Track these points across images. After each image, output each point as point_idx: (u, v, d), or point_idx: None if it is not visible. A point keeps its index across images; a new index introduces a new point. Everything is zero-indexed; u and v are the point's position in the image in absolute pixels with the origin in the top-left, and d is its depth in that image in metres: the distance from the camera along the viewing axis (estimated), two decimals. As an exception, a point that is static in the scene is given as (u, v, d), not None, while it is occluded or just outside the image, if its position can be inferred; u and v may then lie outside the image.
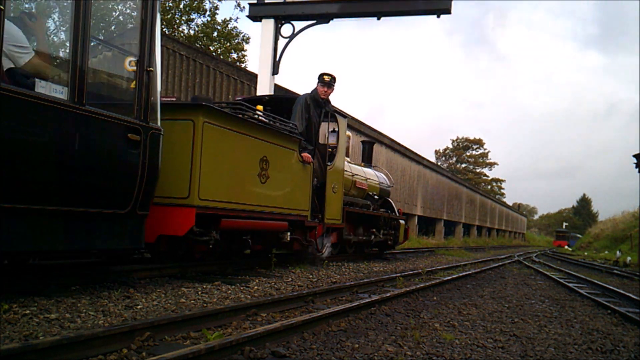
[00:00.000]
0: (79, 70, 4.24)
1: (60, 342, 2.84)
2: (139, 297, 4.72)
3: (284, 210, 7.57)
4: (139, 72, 4.86)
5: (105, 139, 4.56)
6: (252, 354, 3.29)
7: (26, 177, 3.93)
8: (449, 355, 3.73)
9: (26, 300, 4.10)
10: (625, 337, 4.93)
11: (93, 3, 4.35)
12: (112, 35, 4.91)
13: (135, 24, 4.98)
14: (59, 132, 4.15)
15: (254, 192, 6.85)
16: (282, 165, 7.44)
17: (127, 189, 4.75)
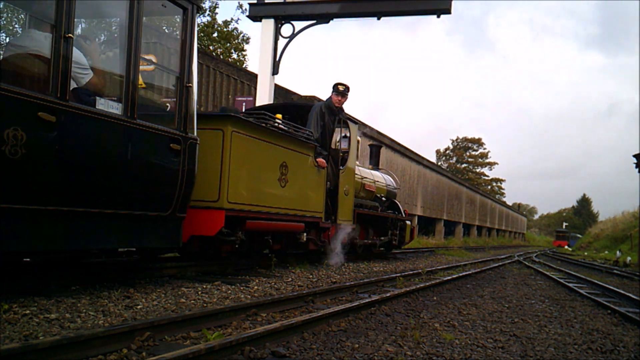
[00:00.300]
0: (131, 88, 4.73)
1: (60, 342, 2.84)
2: (139, 297, 4.72)
3: (301, 212, 8.05)
4: (180, 87, 5.35)
5: (152, 149, 5.05)
6: (252, 354, 3.28)
7: (93, 185, 4.47)
8: (449, 355, 3.73)
9: (26, 300, 4.10)
10: (625, 337, 4.93)
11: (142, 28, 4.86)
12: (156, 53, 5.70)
13: (176, 45, 5.50)
14: (115, 143, 4.64)
15: (275, 195, 7.34)
16: (299, 169, 7.94)
17: (169, 194, 5.23)
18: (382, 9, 11.57)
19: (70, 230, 4.35)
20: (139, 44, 4.83)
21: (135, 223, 4.98)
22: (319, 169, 8.50)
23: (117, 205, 4.72)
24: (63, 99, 4.08)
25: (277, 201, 7.38)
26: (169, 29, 5.89)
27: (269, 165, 7.21)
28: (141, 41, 4.86)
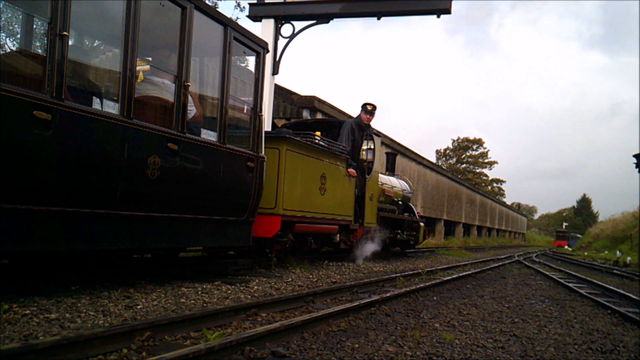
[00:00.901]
0: (223, 120, 6.04)
1: (60, 342, 2.84)
2: (139, 297, 4.72)
3: (335, 216, 9.36)
4: (253, 115, 6.69)
5: (236, 167, 6.30)
6: (252, 354, 3.29)
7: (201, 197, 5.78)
8: (449, 355, 3.73)
9: (26, 300, 4.10)
10: (625, 337, 4.93)
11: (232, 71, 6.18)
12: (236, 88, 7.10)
13: (251, 82, 6.88)
14: (214, 164, 5.89)
15: (316, 202, 8.63)
16: (334, 179, 9.24)
17: (245, 203, 6.49)
18: (382, 9, 11.55)
19: (180, 232, 5.55)
20: (229, 83, 6.17)
21: (221, 226, 6.21)
22: (350, 178, 9.83)
23: (211, 212, 5.97)
24: (182, 132, 5.35)
25: (318, 207, 8.69)
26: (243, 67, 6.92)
27: (312, 177, 8.53)
28: (231, 81, 6.19)
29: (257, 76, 6.80)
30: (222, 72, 6.07)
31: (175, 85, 5.36)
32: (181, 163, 5.37)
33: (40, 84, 4.03)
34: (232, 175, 6.21)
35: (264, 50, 6.83)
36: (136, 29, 4.81)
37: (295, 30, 12.03)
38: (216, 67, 6.17)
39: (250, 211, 6.58)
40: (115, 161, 4.64)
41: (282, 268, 8.03)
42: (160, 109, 5.40)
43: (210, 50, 6.36)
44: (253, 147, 6.58)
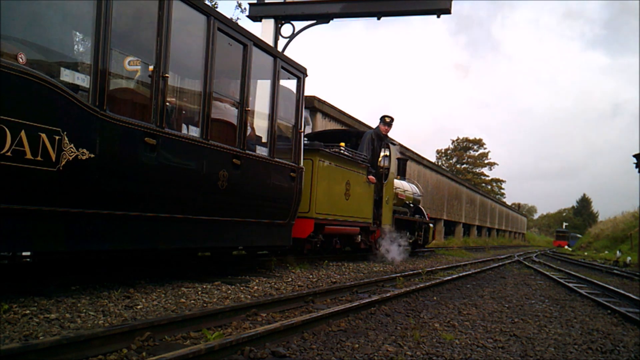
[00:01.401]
0: (273, 137, 7.08)
1: (60, 342, 2.84)
2: (139, 297, 4.72)
3: (357, 219, 10.33)
4: (295, 132, 7.73)
5: (282, 177, 7.32)
6: (252, 354, 3.29)
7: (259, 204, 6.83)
8: (449, 355, 3.73)
9: (26, 300, 4.10)
10: (625, 337, 4.93)
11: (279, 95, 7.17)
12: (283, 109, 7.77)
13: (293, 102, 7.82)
14: (265, 175, 6.94)
15: (342, 206, 9.65)
16: (357, 185, 10.24)
17: (287, 208, 7.47)
18: (382, 9, 11.56)
19: (240, 233, 6.63)
20: (278, 105, 7.15)
21: (269, 228, 7.21)
22: (370, 184, 10.81)
23: (263, 216, 6.99)
24: (243, 149, 6.37)
25: (343, 211, 9.71)
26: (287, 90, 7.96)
27: (339, 183, 9.57)
28: (279, 103, 7.19)
29: (298, 97, 7.87)
30: (271, 96, 7.13)
31: (237, 109, 6.44)
32: (242, 176, 6.39)
33: (148, 115, 5.01)
34: (279, 185, 7.26)
35: (303, 75, 7.91)
36: (213, 66, 5.81)
37: (295, 30, 12.04)
38: (267, 91, 7.16)
39: (291, 215, 7.63)
40: (197, 175, 5.67)
41: (282, 268, 8.03)
42: (226, 130, 6.32)
43: (262, 77, 7.30)
44: (294, 159, 7.66)
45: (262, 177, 6.88)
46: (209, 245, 6.48)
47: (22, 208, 3.89)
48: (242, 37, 6.36)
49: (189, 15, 5.59)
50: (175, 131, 5.41)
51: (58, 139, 4.05)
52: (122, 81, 5.30)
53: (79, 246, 4.49)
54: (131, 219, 4.87)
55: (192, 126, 5.83)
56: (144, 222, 5.04)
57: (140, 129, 4.84)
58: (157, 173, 5.09)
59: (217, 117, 6.16)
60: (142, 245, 5.17)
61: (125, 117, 4.70)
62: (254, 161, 6.65)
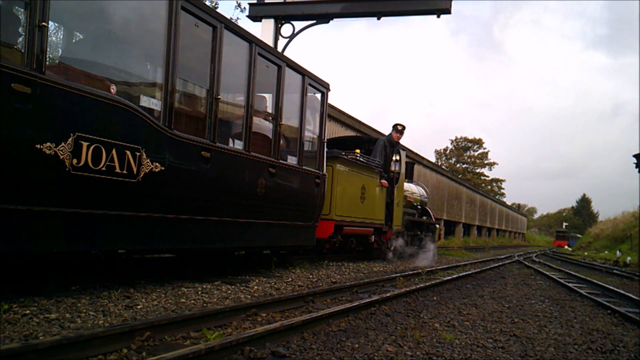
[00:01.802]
0: (301, 147, 7.88)
1: (60, 342, 2.84)
2: (139, 297, 4.72)
3: (371, 220, 11.08)
4: (319, 142, 8.54)
5: (309, 183, 8.08)
6: (252, 354, 3.29)
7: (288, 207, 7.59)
8: (449, 355, 3.73)
9: (26, 300, 4.09)
10: (625, 337, 4.93)
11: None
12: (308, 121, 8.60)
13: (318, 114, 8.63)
14: (295, 182, 7.72)
15: (358, 209, 10.37)
16: (371, 189, 10.99)
17: (312, 211, 8.23)
18: (382, 9, 11.56)
19: (274, 234, 7.34)
20: (305, 118, 7.99)
21: (297, 230, 7.96)
22: (382, 187, 11.55)
23: (292, 219, 7.77)
24: (277, 159, 7.18)
25: (359, 213, 10.43)
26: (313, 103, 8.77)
27: (356, 188, 10.29)
28: (306, 116, 8.03)
29: (322, 110, 8.69)
30: (300, 110, 7.98)
31: (272, 124, 7.23)
32: (276, 182, 7.13)
33: (203, 131, 5.83)
34: (306, 190, 8.04)
35: (326, 90, 8.74)
36: (254, 86, 6.69)
37: (295, 30, 12.03)
38: (296, 105, 7.96)
39: (315, 217, 8.43)
40: (241, 183, 6.45)
41: (282, 268, 8.03)
42: (263, 142, 7.04)
43: (292, 92, 7.97)
44: (319, 166, 8.42)
45: (292, 183, 7.69)
46: (246, 245, 7.24)
47: (119, 214, 4.76)
48: (277, 59, 7.31)
49: (236, 43, 6.43)
50: (224, 145, 6.18)
51: (138, 155, 4.85)
52: (184, 103, 6.02)
53: (151, 245, 5.33)
54: (189, 222, 5.64)
55: (236, 140, 6.61)
56: (198, 225, 5.81)
57: (198, 144, 5.65)
58: (210, 182, 5.89)
59: (256, 130, 6.86)
60: (196, 245, 5.94)
61: (187, 134, 5.50)
62: (285, 169, 7.43)
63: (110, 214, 4.65)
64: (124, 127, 4.68)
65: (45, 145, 4.02)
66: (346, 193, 9.86)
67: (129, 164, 4.74)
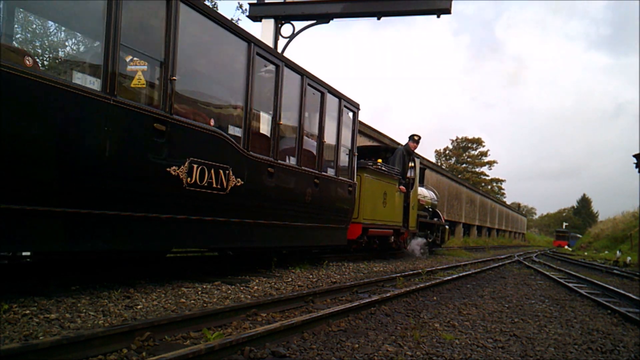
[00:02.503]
0: (338, 160, 9.39)
1: (60, 342, 2.84)
2: (139, 297, 4.72)
3: (391, 223, 12.49)
4: (351, 155, 9.97)
5: (343, 191, 9.52)
6: (252, 354, 3.28)
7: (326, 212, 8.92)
8: (449, 355, 3.73)
9: (26, 300, 4.09)
10: (625, 337, 4.93)
11: None
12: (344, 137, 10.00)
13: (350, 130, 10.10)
14: (333, 191, 9.13)
15: (381, 213, 11.74)
16: (391, 194, 12.35)
17: (346, 215, 9.69)
18: (382, 9, 11.56)
19: (315, 235, 8.74)
20: (341, 136, 9.56)
21: (333, 231, 9.35)
22: (401, 193, 12.95)
23: (329, 222, 9.13)
24: (320, 171, 8.63)
25: (382, 216, 11.79)
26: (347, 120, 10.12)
27: (379, 194, 11.64)
28: (342, 134, 9.57)
29: (353, 127, 10.22)
30: (337, 128, 9.48)
31: (316, 142, 8.72)
32: (319, 191, 8.52)
33: (268, 151, 7.16)
34: (341, 197, 9.45)
35: (357, 109, 10.27)
36: (304, 112, 8.14)
37: (295, 30, 12.03)
38: (334, 124, 9.38)
39: (348, 221, 9.86)
40: (294, 193, 7.89)
41: (282, 268, 8.03)
42: (309, 158, 8.47)
43: (331, 114, 9.33)
44: (351, 176, 9.92)
45: (331, 192, 9.07)
46: (295, 245, 8.61)
47: (213, 219, 6.10)
48: (321, 87, 8.73)
49: (292, 77, 7.86)
50: (283, 162, 7.53)
51: (227, 172, 6.19)
52: (256, 129, 7.16)
53: (231, 244, 6.91)
54: (256, 226, 6.98)
55: (291, 157, 7.94)
56: (263, 228, 7.19)
57: (265, 162, 7.01)
58: (273, 192, 7.23)
59: (305, 147, 8.24)
60: (259, 244, 7.30)
61: (259, 154, 6.85)
62: (326, 180, 8.85)
63: (205, 219, 5.98)
64: (219, 151, 6.05)
65: (172, 168, 5.32)
66: (371, 199, 11.18)
67: (221, 180, 6.10)
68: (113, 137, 4.58)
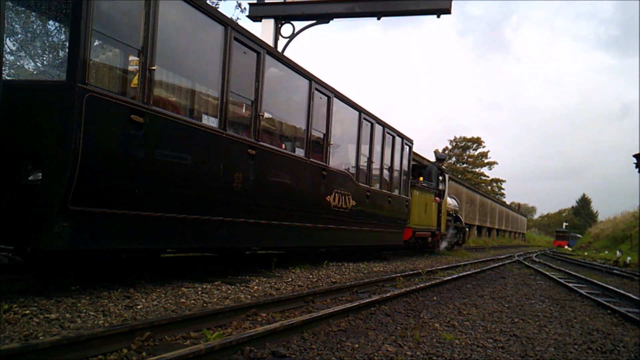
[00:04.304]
0: (400, 184, 13.15)
1: (60, 342, 2.84)
2: (139, 297, 4.72)
3: (430, 226, 16.04)
4: (407, 179, 13.47)
5: (402, 204, 13.06)
6: (252, 354, 3.28)
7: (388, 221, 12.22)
8: (449, 355, 3.73)
9: (26, 300, 4.09)
10: (625, 337, 4.92)
11: None
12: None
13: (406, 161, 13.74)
14: (397, 204, 12.68)
15: (422, 219, 15.27)
16: (429, 205, 15.92)
17: (403, 222, 13.23)
18: (382, 9, 11.56)
19: (379, 236, 11.63)
20: (403, 164, 13.13)
21: (394, 234, 12.57)
22: (436, 202, 16.47)
23: (391, 227, 12.31)
24: (391, 192, 12.38)
25: (424, 222, 15.40)
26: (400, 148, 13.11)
27: (422, 205, 15.16)
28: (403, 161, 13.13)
29: (409, 158, 13.76)
30: (400, 159, 12.97)
31: (388, 171, 12.18)
32: (390, 206, 12.08)
33: (365, 179, 10.56)
34: (401, 210, 13.05)
35: (412, 144, 13.98)
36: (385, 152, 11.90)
37: (295, 30, 12.03)
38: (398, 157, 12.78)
39: (404, 226, 13.34)
40: (379, 207, 11.33)
41: (282, 268, 8.03)
42: (386, 182, 12.08)
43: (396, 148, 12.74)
44: (406, 193, 13.51)
45: (396, 206, 12.60)
46: (375, 244, 11.93)
47: (337, 227, 9.43)
48: (393, 132, 12.32)
49: (384, 133, 11.54)
50: (374, 187, 11.18)
51: (349, 197, 9.60)
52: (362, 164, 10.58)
53: (342, 244, 10.28)
54: (362, 231, 10.63)
55: (377, 183, 11.49)
56: (365, 233, 10.81)
57: (366, 188, 10.61)
58: (369, 209, 10.81)
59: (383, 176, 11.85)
60: (363, 243, 11.13)
61: (363, 183, 10.48)
62: (394, 198, 12.48)
63: (341, 227, 9.59)
64: (347, 183, 9.63)
65: (329, 198, 8.86)
66: (417, 209, 14.66)
67: (347, 202, 9.57)
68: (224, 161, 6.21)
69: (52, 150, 4.19)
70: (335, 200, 8.95)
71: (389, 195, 11.88)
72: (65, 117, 4.19)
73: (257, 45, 6.72)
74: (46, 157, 4.19)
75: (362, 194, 10.15)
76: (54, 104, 4.24)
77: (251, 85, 6.68)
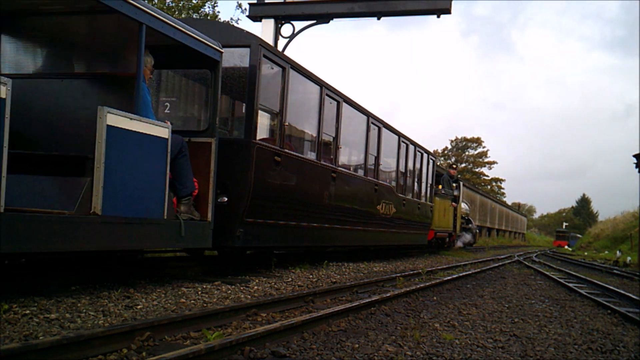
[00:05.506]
0: (427, 192, 15.94)
1: (60, 342, 2.84)
2: (139, 297, 4.72)
3: (447, 228, 18.46)
4: (431, 188, 16.34)
5: (426, 210, 15.66)
6: (252, 354, 3.28)
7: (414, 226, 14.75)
8: (449, 355, 3.73)
9: (26, 300, 4.09)
10: (625, 337, 4.93)
11: None
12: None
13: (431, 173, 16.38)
14: (423, 210, 15.34)
15: (442, 221, 17.61)
16: (447, 209, 18.31)
17: (427, 225, 15.87)
18: (382, 9, 11.57)
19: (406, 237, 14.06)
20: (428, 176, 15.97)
21: (420, 235, 15.30)
22: (452, 207, 18.98)
23: (416, 229, 14.80)
24: (419, 199, 15.13)
25: (443, 224, 17.68)
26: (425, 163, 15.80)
27: (441, 209, 17.47)
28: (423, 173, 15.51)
29: (432, 171, 16.13)
30: (426, 172, 15.40)
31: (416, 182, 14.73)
32: (419, 211, 14.65)
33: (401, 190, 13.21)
34: (426, 214, 15.41)
35: (435, 158, 16.33)
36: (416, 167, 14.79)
37: (295, 30, 12.04)
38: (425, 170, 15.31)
39: (428, 228, 15.71)
40: (411, 213, 13.97)
41: (282, 268, 8.03)
42: (417, 192, 14.66)
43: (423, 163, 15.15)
44: (430, 200, 15.92)
45: (423, 211, 14.93)
46: (406, 243, 14.30)
47: (383, 230, 11.97)
48: (422, 151, 14.88)
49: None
50: (407, 197, 13.58)
51: (391, 205, 11.98)
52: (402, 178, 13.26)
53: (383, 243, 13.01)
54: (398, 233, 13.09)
55: (409, 193, 13.89)
56: (399, 235, 13.16)
57: (403, 198, 12.98)
58: (403, 215, 13.01)
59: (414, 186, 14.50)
60: (398, 242, 13.56)
61: (400, 193, 12.81)
62: (421, 204, 14.89)
63: (384, 230, 11.93)
64: (390, 194, 11.91)
65: (379, 207, 11.23)
66: (438, 213, 16.87)
67: (389, 210, 11.79)
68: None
69: (236, 181, 6.33)
70: (382, 209, 11.34)
71: (418, 202, 14.54)
72: (246, 160, 6.38)
73: (338, 95, 9.05)
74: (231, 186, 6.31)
75: (400, 203, 12.58)
76: (239, 152, 6.40)
77: (333, 125, 9.07)
